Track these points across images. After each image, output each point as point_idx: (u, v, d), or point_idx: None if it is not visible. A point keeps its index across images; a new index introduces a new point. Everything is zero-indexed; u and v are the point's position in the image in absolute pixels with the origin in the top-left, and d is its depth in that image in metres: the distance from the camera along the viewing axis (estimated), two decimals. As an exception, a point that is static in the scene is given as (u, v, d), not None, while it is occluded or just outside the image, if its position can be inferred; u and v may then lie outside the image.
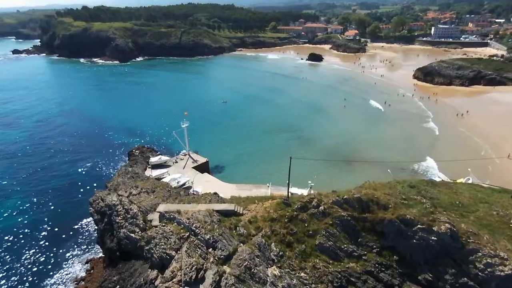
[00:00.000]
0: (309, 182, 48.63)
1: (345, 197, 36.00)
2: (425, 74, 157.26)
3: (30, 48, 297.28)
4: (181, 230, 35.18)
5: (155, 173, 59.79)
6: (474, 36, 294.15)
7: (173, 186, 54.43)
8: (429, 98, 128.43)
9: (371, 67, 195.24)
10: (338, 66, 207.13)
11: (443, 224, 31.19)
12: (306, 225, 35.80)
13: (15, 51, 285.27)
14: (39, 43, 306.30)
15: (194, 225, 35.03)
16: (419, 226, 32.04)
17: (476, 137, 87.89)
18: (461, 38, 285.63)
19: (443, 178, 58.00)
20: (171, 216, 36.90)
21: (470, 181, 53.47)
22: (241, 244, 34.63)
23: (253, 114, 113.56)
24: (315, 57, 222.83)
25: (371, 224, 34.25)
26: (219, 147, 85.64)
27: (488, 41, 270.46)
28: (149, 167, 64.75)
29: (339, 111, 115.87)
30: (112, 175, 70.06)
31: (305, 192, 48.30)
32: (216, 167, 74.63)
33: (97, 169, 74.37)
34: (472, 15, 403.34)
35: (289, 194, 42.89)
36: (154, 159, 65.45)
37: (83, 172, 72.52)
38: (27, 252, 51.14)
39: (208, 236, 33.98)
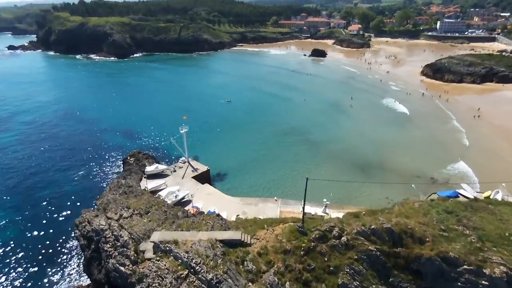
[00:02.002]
0: (324, 200, 43.08)
1: (372, 226, 30.47)
2: (435, 71, 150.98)
3: (26, 44, 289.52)
4: (179, 267, 29.68)
5: (151, 185, 54.24)
6: (480, 30, 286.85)
7: (171, 201, 49.08)
8: (440, 97, 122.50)
9: (377, 63, 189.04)
10: (342, 62, 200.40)
11: (496, 266, 25.73)
12: (326, 259, 30.34)
13: (11, 47, 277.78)
14: (36, 38, 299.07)
15: (194, 261, 29.56)
16: (465, 266, 26.58)
17: (503, 141, 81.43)
18: (467, 33, 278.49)
19: (469, 191, 52.29)
20: (167, 248, 31.40)
21: (499, 195, 48.01)
22: (250, 284, 29.23)
23: (258, 114, 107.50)
24: (319, 53, 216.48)
25: (404, 261, 28.75)
26: (221, 151, 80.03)
27: (496, 35, 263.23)
28: (144, 177, 59.24)
29: (347, 110, 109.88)
30: (105, 185, 64.75)
31: (319, 211, 42.81)
32: (218, 174, 69.10)
33: (90, 178, 68.68)
34: (477, 9, 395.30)
35: (303, 215, 37.49)
36: (150, 169, 59.87)
37: (75, 182, 66.87)
38: (6, 275, 45.83)
39: (211, 276, 28.52)
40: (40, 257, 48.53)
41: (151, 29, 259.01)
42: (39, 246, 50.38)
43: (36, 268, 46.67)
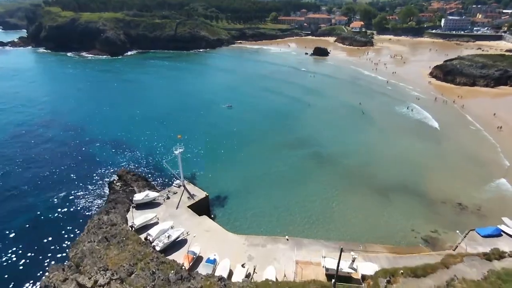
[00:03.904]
0: (352, 253, 34.93)
1: (433, 319, 22.44)
2: (445, 73, 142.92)
3: (16, 40, 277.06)
4: None
5: (140, 219, 45.74)
6: (486, 28, 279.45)
7: (162, 244, 40.92)
8: (454, 102, 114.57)
9: (382, 63, 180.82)
10: (346, 61, 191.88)
11: None
12: None
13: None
14: (26, 34, 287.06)
15: None
16: None
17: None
18: (474, 31, 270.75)
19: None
20: None
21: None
22: None
23: (260, 122, 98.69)
24: (321, 52, 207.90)
25: None
26: (220, 168, 71.54)
27: (502, 34, 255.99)
28: (133, 207, 50.90)
29: (359, 118, 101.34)
30: (88, 213, 56.33)
31: (345, 265, 34.66)
32: (217, 199, 60.69)
33: (72, 201, 59.53)
34: (479, 5, 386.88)
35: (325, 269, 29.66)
36: (139, 197, 51.33)
37: (52, 208, 57.84)
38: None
39: None
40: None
41: (146, 26, 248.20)
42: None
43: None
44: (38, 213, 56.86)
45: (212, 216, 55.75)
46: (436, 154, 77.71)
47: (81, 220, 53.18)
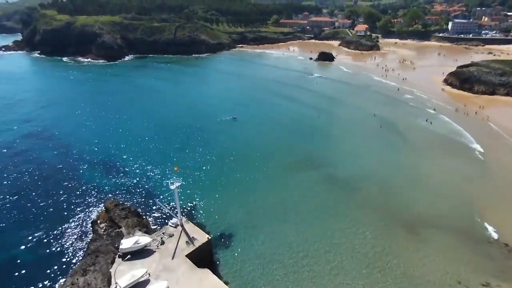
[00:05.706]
0: None
1: None
2: (462, 81, 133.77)
3: (11, 44, 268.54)
4: None
5: (125, 280, 36.24)
6: (494, 31, 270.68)
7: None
8: (476, 114, 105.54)
9: (391, 68, 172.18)
10: (353, 67, 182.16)
11: None
12: None
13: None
14: (21, 38, 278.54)
15: None
16: None
17: None
18: (482, 34, 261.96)
19: None
20: None
21: None
22: None
23: (268, 138, 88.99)
24: (326, 57, 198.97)
25: None
26: (223, 198, 62.23)
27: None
28: (120, 255, 41.81)
29: (376, 133, 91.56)
30: (69, 260, 47.16)
31: None
32: (221, 238, 51.43)
33: (48, 247, 48.99)
34: (483, 8, 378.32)
35: None
36: (127, 244, 41.94)
37: (24, 254, 48.01)
38: None
39: None
40: None
41: (144, 29, 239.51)
42: None
43: None
44: (8, 251, 47.29)
45: (216, 262, 46.72)
46: (472, 176, 68.32)
47: (58, 274, 43.98)
